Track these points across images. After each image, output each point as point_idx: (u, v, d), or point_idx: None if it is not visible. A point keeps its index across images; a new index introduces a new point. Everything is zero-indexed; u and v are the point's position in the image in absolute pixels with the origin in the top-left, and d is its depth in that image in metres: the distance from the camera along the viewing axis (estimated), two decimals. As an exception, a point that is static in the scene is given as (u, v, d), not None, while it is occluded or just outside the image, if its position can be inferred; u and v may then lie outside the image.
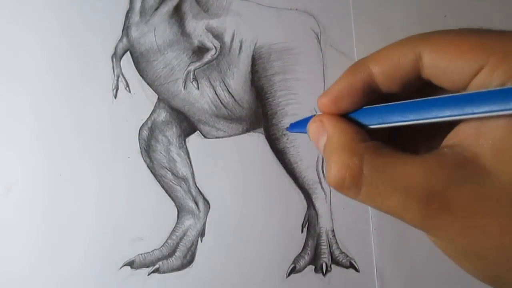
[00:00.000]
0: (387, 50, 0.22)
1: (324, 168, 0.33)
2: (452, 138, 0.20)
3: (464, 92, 0.19)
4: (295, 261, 0.32)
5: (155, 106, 0.34)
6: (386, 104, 0.22)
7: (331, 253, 0.33)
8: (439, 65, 0.20)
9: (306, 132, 0.30)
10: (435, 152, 0.20)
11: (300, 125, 0.31)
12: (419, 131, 0.24)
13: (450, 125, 0.21)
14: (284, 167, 0.33)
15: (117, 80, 0.34)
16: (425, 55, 0.21)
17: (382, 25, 0.34)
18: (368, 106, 0.23)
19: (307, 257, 0.33)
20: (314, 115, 0.29)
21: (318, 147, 0.24)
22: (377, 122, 0.23)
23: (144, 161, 0.34)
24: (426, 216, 0.19)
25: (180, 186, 0.33)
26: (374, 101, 0.23)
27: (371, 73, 0.23)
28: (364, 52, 0.34)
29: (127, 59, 0.35)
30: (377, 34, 0.34)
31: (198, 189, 0.33)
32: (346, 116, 0.24)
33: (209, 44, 0.34)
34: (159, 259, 0.33)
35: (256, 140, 0.34)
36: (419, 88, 0.22)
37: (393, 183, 0.19)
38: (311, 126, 0.25)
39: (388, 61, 0.22)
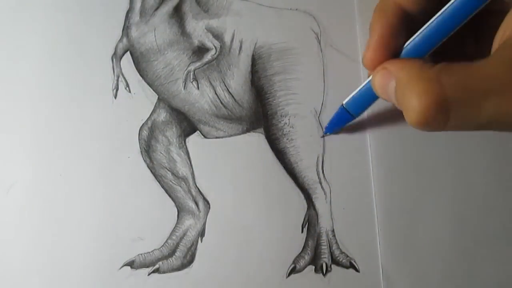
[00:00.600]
0: None
1: (324, 168, 0.33)
2: (507, 31, 0.20)
3: None
4: (295, 261, 0.32)
5: (155, 106, 0.34)
6: (427, 28, 0.23)
7: (331, 253, 0.33)
8: None
9: (343, 125, 0.31)
10: (501, 49, 0.20)
11: (337, 121, 0.31)
12: (463, 41, 0.24)
13: (492, 27, 0.21)
14: (284, 167, 0.33)
15: (117, 80, 0.34)
16: None
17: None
18: (413, 38, 0.23)
19: (307, 257, 0.33)
20: (342, 105, 0.29)
21: (388, 95, 0.23)
22: (432, 45, 0.23)
23: (144, 161, 0.34)
24: None
25: (180, 186, 0.33)
26: (409, 28, 0.23)
27: (399, 5, 0.23)
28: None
29: (127, 59, 0.35)
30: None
31: (198, 189, 0.33)
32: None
33: (209, 44, 0.34)
34: (159, 259, 0.33)
35: (256, 140, 0.34)
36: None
37: (482, 91, 0.18)
38: (376, 77, 0.24)
39: None
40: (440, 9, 0.23)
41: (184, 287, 0.32)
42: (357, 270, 0.32)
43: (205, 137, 0.34)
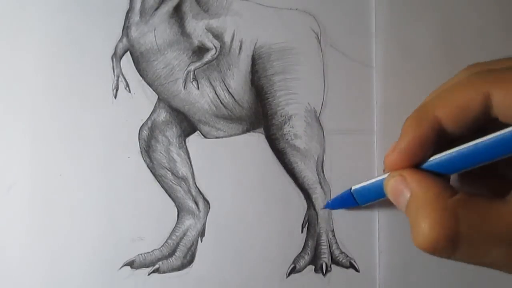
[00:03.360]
0: (452, 93, 0.21)
1: (324, 168, 0.33)
2: None
3: None
4: (295, 261, 0.32)
5: (155, 106, 0.34)
6: (461, 149, 0.21)
7: (331, 253, 0.33)
8: (511, 103, 0.19)
9: (348, 207, 0.31)
10: None
11: (340, 201, 0.30)
12: (494, 169, 0.23)
13: None
14: (284, 167, 0.33)
15: (117, 80, 0.34)
16: (494, 94, 0.20)
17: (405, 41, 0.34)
18: (442, 155, 0.22)
19: (307, 257, 0.33)
20: (350, 189, 0.29)
21: (400, 204, 0.23)
22: (456, 169, 0.22)
23: (144, 161, 0.34)
24: None
25: (180, 186, 0.33)
26: (441, 146, 0.23)
27: (438, 120, 0.22)
28: (384, 62, 0.34)
29: (127, 59, 0.35)
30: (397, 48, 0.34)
31: (198, 189, 0.33)
32: (421, 168, 0.23)
33: (209, 44, 0.34)
34: (159, 259, 0.33)
35: (256, 140, 0.34)
36: (484, 124, 0.22)
37: (493, 237, 0.18)
38: (390, 182, 0.23)
39: (455, 106, 0.21)
40: (479, 137, 0.21)
41: (184, 287, 0.32)
42: (357, 270, 0.32)
43: (205, 137, 0.34)
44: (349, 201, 0.30)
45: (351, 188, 0.29)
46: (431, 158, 0.23)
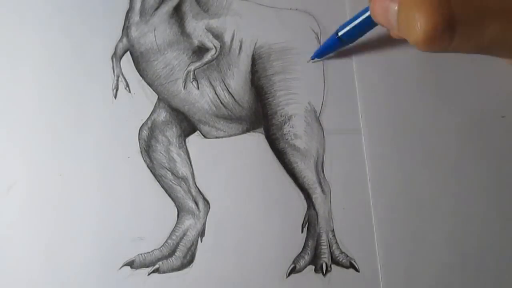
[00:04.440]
0: None
1: (324, 168, 0.33)
2: None
3: None
4: (295, 261, 0.32)
5: (155, 106, 0.34)
6: None
7: (331, 253, 0.33)
8: None
9: (334, 51, 0.31)
10: None
11: (327, 48, 0.31)
12: None
13: None
14: (284, 167, 0.33)
15: (117, 80, 0.34)
16: None
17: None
18: None
19: (307, 257, 0.33)
20: (336, 34, 0.30)
21: (389, 19, 0.22)
22: None
23: (144, 161, 0.34)
24: None
25: (180, 186, 0.33)
26: None
27: None
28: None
29: (127, 59, 0.35)
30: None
31: (198, 189, 0.33)
32: None
33: (209, 44, 0.35)
34: (159, 259, 0.33)
35: (256, 140, 0.34)
36: None
37: (488, 12, 0.18)
38: (376, 5, 0.23)
39: None
40: None
41: (184, 287, 0.32)
42: (357, 270, 0.32)
43: (205, 137, 0.34)
44: (337, 44, 0.31)
45: (337, 33, 0.30)
46: None
